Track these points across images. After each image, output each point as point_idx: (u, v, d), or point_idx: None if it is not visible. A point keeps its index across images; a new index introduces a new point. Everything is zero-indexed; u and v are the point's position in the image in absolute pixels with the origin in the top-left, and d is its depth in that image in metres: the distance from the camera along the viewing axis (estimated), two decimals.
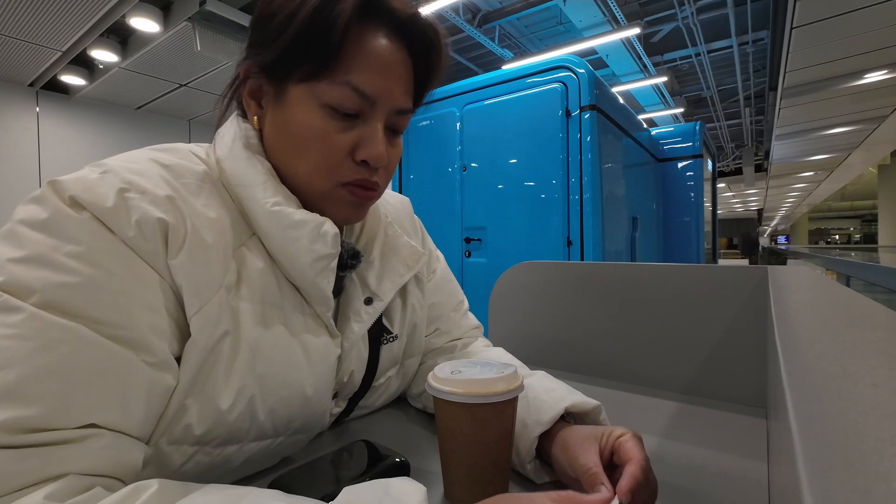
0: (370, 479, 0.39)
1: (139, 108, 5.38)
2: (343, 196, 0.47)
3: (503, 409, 0.40)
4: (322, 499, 0.36)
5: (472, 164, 2.23)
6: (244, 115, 0.49)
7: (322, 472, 0.42)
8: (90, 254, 0.34)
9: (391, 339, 0.59)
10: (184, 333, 0.39)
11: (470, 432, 0.40)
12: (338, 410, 0.56)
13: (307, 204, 0.47)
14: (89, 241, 0.35)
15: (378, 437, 0.50)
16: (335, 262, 0.47)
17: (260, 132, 0.48)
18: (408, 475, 0.43)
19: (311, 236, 0.44)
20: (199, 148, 0.48)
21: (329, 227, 0.45)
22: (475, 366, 0.44)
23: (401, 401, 0.68)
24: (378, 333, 0.57)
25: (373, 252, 0.56)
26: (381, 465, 0.43)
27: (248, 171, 0.45)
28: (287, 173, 0.47)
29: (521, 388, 0.41)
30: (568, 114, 1.96)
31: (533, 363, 0.90)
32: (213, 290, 0.40)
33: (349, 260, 0.51)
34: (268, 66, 0.45)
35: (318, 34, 0.42)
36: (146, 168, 0.40)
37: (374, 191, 0.48)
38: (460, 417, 0.40)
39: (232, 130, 0.47)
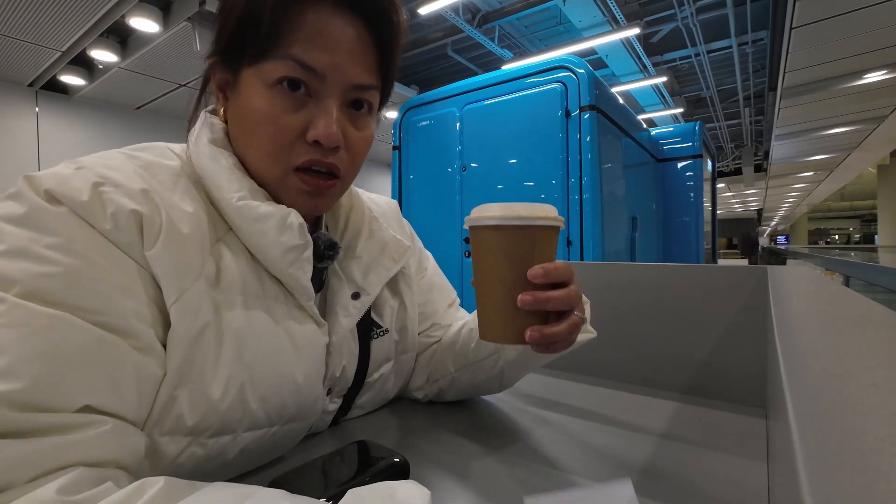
0: (370, 479, 0.39)
1: (139, 108, 5.38)
2: (294, 183, 0.45)
3: (535, 236, 0.40)
4: (324, 499, 0.36)
5: (472, 165, 2.23)
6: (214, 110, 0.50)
7: (322, 472, 0.42)
8: (69, 244, 0.35)
9: (381, 334, 0.59)
10: (167, 322, 0.39)
11: (501, 259, 0.40)
12: (334, 407, 0.56)
13: (272, 195, 0.47)
14: (67, 233, 0.35)
15: (378, 437, 0.50)
16: (309, 253, 0.47)
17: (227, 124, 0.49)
18: (408, 475, 0.43)
19: (277, 228, 0.44)
20: (176, 146, 0.48)
21: (294, 218, 0.45)
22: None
23: (401, 401, 0.68)
24: (367, 328, 0.58)
25: (357, 246, 0.56)
26: (381, 465, 0.43)
27: (213, 167, 0.45)
28: (246, 163, 0.47)
29: (559, 221, 0.41)
30: (568, 114, 1.96)
31: None
32: (190, 279, 0.40)
33: (326, 251, 0.52)
34: (222, 53, 0.45)
35: (254, 14, 0.42)
36: (120, 164, 0.41)
37: (330, 178, 0.47)
38: (490, 241, 0.41)
39: (200, 126, 0.48)
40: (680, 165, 2.97)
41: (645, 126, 2.88)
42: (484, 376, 0.60)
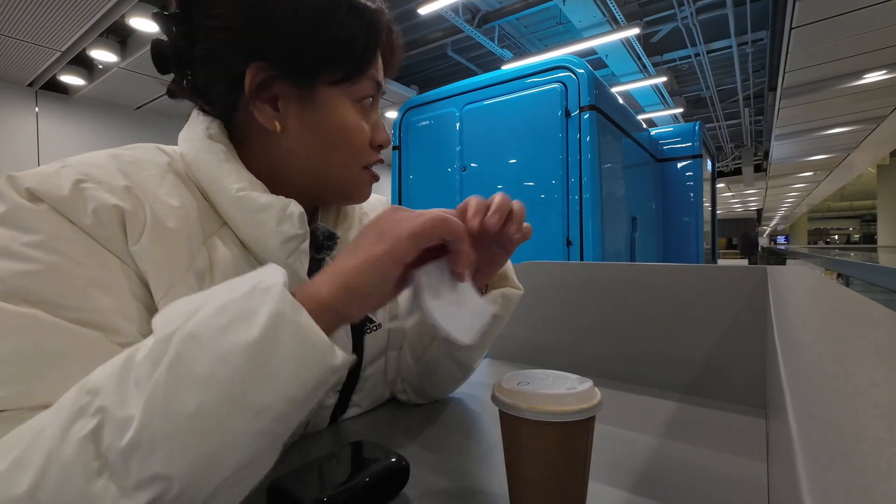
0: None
1: (139, 108, 5.38)
2: (366, 178, 0.52)
3: (574, 431, 0.35)
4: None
5: (472, 165, 2.23)
6: (201, 109, 0.49)
7: (322, 473, 0.42)
8: (49, 242, 0.35)
9: (374, 329, 0.60)
10: None
11: (536, 453, 0.36)
12: (331, 402, 0.57)
13: (333, 189, 0.51)
14: (48, 230, 0.35)
15: (377, 438, 0.50)
16: (307, 244, 0.47)
17: (247, 131, 0.48)
18: (408, 476, 0.43)
19: (277, 218, 0.44)
20: (167, 146, 0.49)
21: (294, 207, 0.45)
22: (547, 377, 0.40)
23: (399, 401, 0.68)
24: (361, 322, 0.58)
25: (350, 239, 0.57)
26: (381, 465, 0.43)
27: (209, 159, 0.45)
28: (313, 166, 0.49)
29: (598, 406, 0.36)
30: (567, 114, 1.96)
31: (532, 363, 0.90)
32: (178, 274, 0.40)
33: (325, 241, 0.52)
34: (294, 71, 0.45)
35: (345, 41, 0.45)
36: (104, 162, 0.41)
37: None
38: (525, 435, 0.36)
39: (193, 124, 0.48)
40: (680, 165, 2.97)
41: (645, 126, 2.88)
42: (442, 365, 0.61)
